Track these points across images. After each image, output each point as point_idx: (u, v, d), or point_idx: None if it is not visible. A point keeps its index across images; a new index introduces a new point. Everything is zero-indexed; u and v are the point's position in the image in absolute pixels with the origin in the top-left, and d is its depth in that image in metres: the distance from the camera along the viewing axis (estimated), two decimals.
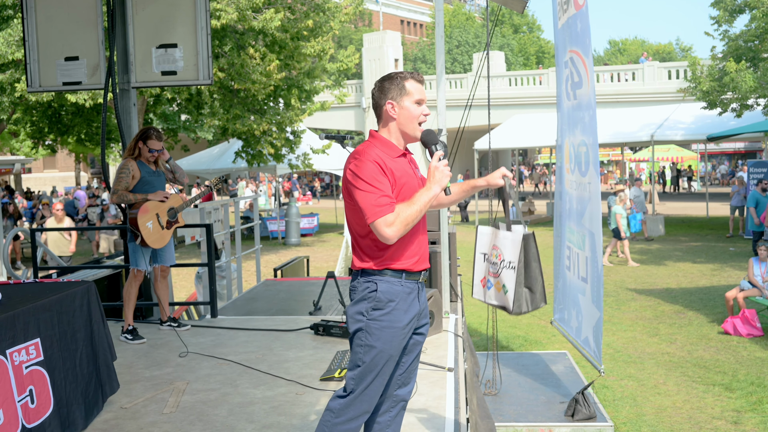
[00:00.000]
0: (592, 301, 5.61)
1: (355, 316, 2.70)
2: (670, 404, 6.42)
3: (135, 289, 5.44)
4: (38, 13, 6.43)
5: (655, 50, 63.74)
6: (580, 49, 5.77)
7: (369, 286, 2.68)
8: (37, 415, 3.10)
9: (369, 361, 2.67)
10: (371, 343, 2.66)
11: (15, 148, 28.57)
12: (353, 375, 2.70)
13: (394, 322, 2.68)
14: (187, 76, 6.49)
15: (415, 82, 2.76)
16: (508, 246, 3.17)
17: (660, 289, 11.51)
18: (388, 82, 2.76)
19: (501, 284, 3.17)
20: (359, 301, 2.70)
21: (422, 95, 2.78)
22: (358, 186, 2.60)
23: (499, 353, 7.20)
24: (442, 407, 3.85)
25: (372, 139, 2.77)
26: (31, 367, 3.12)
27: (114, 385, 3.89)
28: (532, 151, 46.82)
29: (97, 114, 16.41)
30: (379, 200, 2.57)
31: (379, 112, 2.79)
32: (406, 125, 2.75)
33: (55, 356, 3.31)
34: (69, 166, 44.10)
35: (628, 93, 27.41)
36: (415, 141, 2.81)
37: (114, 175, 5.45)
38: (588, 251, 5.72)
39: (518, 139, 23.45)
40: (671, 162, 35.54)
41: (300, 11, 15.17)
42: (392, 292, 2.68)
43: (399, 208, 2.59)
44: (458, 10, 55.23)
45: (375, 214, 2.57)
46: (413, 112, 2.74)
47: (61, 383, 3.33)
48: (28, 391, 3.07)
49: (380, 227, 2.57)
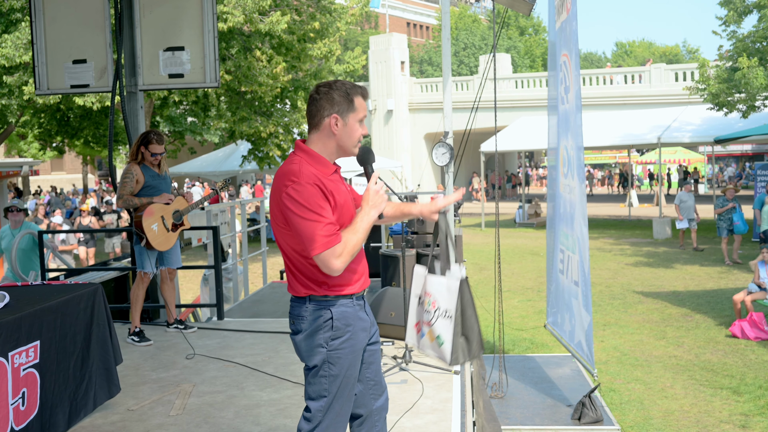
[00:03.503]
0: (583, 305, 5.62)
1: (314, 349, 2.52)
2: (677, 408, 6.39)
3: (142, 292, 5.46)
4: (46, 16, 6.47)
5: (662, 52, 63.57)
6: (569, 52, 5.79)
7: (323, 314, 2.50)
8: (24, 417, 3.10)
9: (336, 391, 2.54)
10: (335, 372, 2.52)
11: (23, 150, 28.72)
12: (320, 407, 2.54)
13: (355, 345, 2.56)
14: (195, 79, 6.51)
15: (362, 98, 2.57)
16: (443, 293, 2.89)
17: (667, 291, 11.46)
18: (338, 93, 2.53)
19: (435, 335, 2.90)
20: (315, 332, 2.51)
21: (365, 113, 2.59)
22: (299, 213, 2.38)
23: (505, 356, 7.18)
24: (448, 410, 3.84)
25: (303, 154, 2.53)
26: (27, 370, 3.12)
27: (113, 388, 3.86)
28: (539, 153, 46.76)
29: (105, 116, 16.48)
30: (325, 230, 2.37)
31: (317, 120, 2.54)
32: (346, 142, 2.55)
33: (51, 359, 3.31)
34: (76, 168, 44.29)
35: (636, 95, 27.35)
36: (349, 157, 2.63)
37: (119, 180, 5.48)
38: (578, 255, 5.72)
39: (525, 141, 23.42)
40: (679, 164, 35.42)
41: (306, 13, 15.21)
42: (348, 317, 2.53)
43: (345, 238, 2.42)
44: (464, 12, 55.21)
45: (323, 245, 2.37)
46: (355, 131, 2.56)
47: (50, 386, 3.32)
48: (22, 394, 3.07)
49: (328, 259, 2.38)
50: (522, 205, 23.75)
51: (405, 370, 4.50)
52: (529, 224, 22.79)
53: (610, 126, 22.15)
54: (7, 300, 3.25)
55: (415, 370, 4.50)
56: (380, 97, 33.84)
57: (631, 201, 26.44)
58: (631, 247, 16.91)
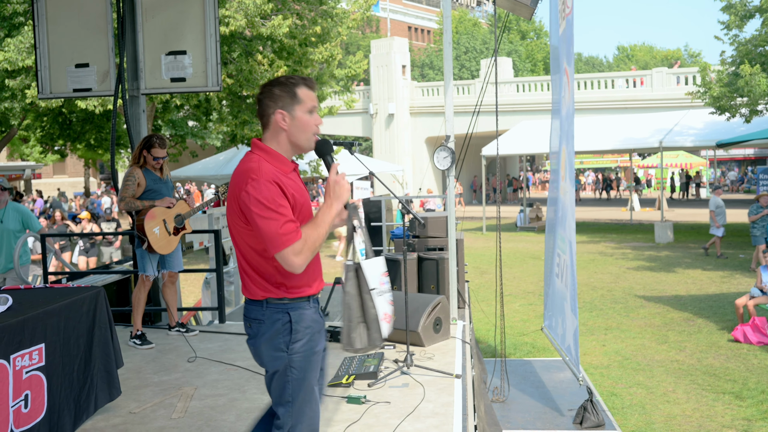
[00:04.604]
0: (571, 309, 5.63)
1: (273, 353, 2.49)
2: (679, 412, 6.38)
3: (144, 295, 5.46)
4: (49, 21, 6.48)
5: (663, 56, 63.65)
6: (566, 57, 5.81)
7: (281, 317, 2.47)
8: (27, 420, 3.10)
9: (302, 394, 2.52)
10: (299, 376, 2.50)
11: (25, 154, 28.77)
12: (290, 412, 2.51)
13: (314, 347, 2.54)
14: (196, 83, 6.53)
15: (307, 88, 2.53)
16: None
17: (669, 296, 11.45)
18: (279, 88, 2.50)
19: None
20: (274, 335, 2.48)
21: (314, 102, 2.55)
22: (259, 212, 2.35)
23: (507, 360, 7.17)
24: (450, 414, 3.84)
25: (260, 152, 2.51)
26: (31, 372, 3.12)
27: (114, 391, 3.86)
28: (540, 157, 46.77)
29: (107, 120, 16.52)
30: (285, 227, 2.34)
31: (266, 120, 2.53)
32: (298, 136, 2.52)
33: (56, 362, 3.32)
34: (78, 172, 44.33)
35: (637, 99, 27.36)
36: (307, 152, 2.60)
37: (121, 183, 5.49)
38: (569, 257, 5.74)
39: (526, 145, 23.44)
40: (681, 168, 35.44)
41: (308, 17, 15.24)
42: (306, 319, 2.51)
43: (305, 233, 2.39)
44: (464, 16, 55.29)
45: (282, 243, 2.34)
46: (306, 122, 2.52)
47: (57, 389, 3.32)
48: (24, 396, 3.07)
49: (288, 257, 2.35)
50: (523, 209, 23.74)
51: (406, 373, 4.50)
52: (530, 228, 22.78)
53: (611, 130, 22.16)
54: (10, 303, 3.26)
55: (416, 373, 4.49)
56: (381, 101, 33.88)
57: (632, 205, 26.43)
58: (633, 251, 16.90)
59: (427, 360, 4.77)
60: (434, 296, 5.33)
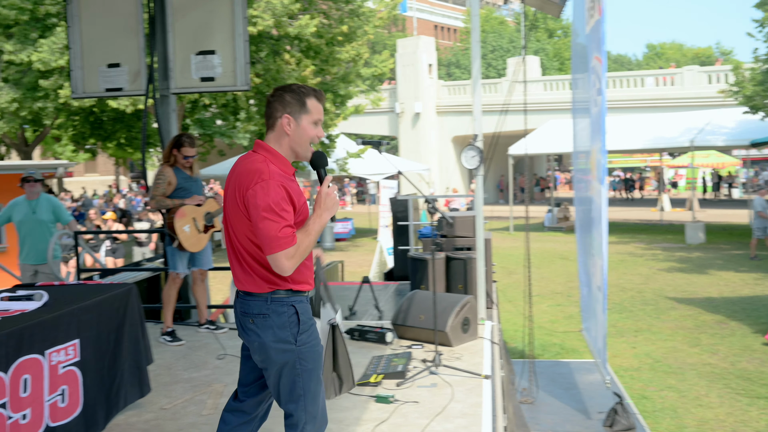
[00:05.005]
0: (602, 310, 5.55)
1: (282, 346, 2.52)
2: (712, 417, 6.26)
3: (174, 292, 5.51)
4: (82, 22, 6.57)
5: (694, 54, 62.59)
6: (601, 55, 5.74)
7: (286, 310, 2.53)
8: (64, 415, 3.14)
9: (313, 386, 2.57)
10: (308, 367, 2.56)
11: (58, 153, 29.30)
12: (303, 407, 2.55)
13: (317, 338, 2.61)
14: (225, 82, 6.57)
15: (316, 101, 2.61)
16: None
17: (701, 298, 11.25)
18: (290, 94, 2.59)
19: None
20: (281, 329, 2.52)
21: (321, 116, 2.63)
22: (264, 213, 2.42)
23: (535, 361, 7.11)
24: (478, 415, 3.81)
25: (266, 153, 2.58)
26: (67, 368, 3.16)
27: (144, 388, 3.88)
28: (567, 157, 46.30)
29: (137, 119, 16.73)
30: (283, 231, 2.42)
31: (272, 122, 2.61)
32: (299, 144, 2.60)
33: (90, 357, 3.35)
34: (109, 170, 45.09)
35: (667, 98, 26.95)
36: (303, 160, 2.68)
37: (151, 181, 5.55)
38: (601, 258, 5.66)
39: (553, 144, 23.22)
40: (712, 168, 34.82)
41: (335, 17, 15.28)
42: (308, 311, 2.60)
43: (299, 239, 2.46)
44: (490, 14, 54.95)
45: (278, 245, 2.41)
46: (309, 132, 2.60)
47: (91, 384, 3.36)
48: (60, 391, 3.12)
49: (281, 260, 2.43)
50: (551, 208, 23.52)
51: (434, 373, 4.48)
52: (558, 228, 22.57)
53: (641, 129, 21.84)
54: (45, 299, 3.31)
55: (444, 373, 4.47)
56: (408, 100, 33.84)
57: (662, 205, 26.04)
58: (663, 252, 16.65)
59: (455, 360, 4.74)
60: (462, 296, 5.30)
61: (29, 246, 6.87)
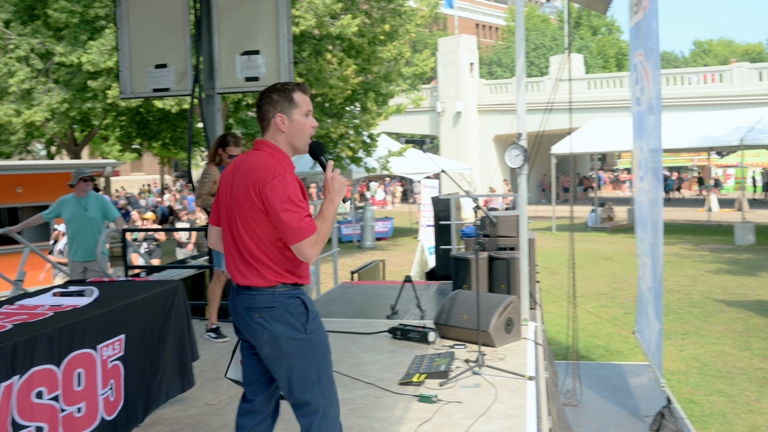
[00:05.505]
0: (654, 313, 5.41)
1: (294, 334, 2.60)
2: (764, 423, 6.08)
3: (219, 289, 5.58)
4: (130, 24, 6.71)
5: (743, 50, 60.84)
6: (644, 51, 5.59)
7: (293, 302, 2.62)
8: (113, 408, 3.21)
9: (327, 371, 2.67)
10: (319, 352, 2.64)
11: (105, 152, 30.05)
12: (320, 392, 2.63)
13: (323, 326, 2.71)
14: (270, 82, 6.57)
15: (301, 93, 2.70)
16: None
17: (751, 300, 10.92)
18: (276, 93, 2.67)
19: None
20: (291, 318, 2.60)
21: (309, 106, 2.71)
22: (285, 205, 2.52)
23: (579, 363, 7.00)
24: (523, 416, 3.76)
25: (271, 150, 2.67)
26: (114, 362, 3.24)
27: (186, 383, 3.93)
28: (611, 156, 45.50)
29: (182, 119, 17.03)
30: (304, 221, 2.52)
31: (266, 123, 2.70)
32: (296, 138, 2.69)
33: (133, 352, 3.42)
34: (154, 170, 46.03)
35: (716, 95, 26.23)
36: (302, 153, 2.74)
37: (197, 180, 5.63)
38: (651, 260, 5.53)
39: (597, 143, 22.84)
40: (762, 167, 33.77)
41: (376, 16, 15.30)
42: (312, 301, 2.70)
43: (319, 226, 2.56)
44: (532, 12, 54.35)
45: (302, 234, 2.51)
46: (303, 124, 2.68)
47: (132, 378, 3.43)
48: (110, 385, 3.19)
49: (305, 248, 2.53)
50: (594, 208, 23.13)
51: (478, 374, 4.44)
52: (602, 228, 22.19)
53: (688, 127, 21.31)
54: (96, 295, 3.39)
55: (488, 374, 4.43)
56: (449, 99, 33.69)
57: (710, 205, 25.38)
58: (711, 253, 16.22)
59: (499, 361, 4.70)
60: (505, 296, 5.25)
61: (78, 243, 7.00)
